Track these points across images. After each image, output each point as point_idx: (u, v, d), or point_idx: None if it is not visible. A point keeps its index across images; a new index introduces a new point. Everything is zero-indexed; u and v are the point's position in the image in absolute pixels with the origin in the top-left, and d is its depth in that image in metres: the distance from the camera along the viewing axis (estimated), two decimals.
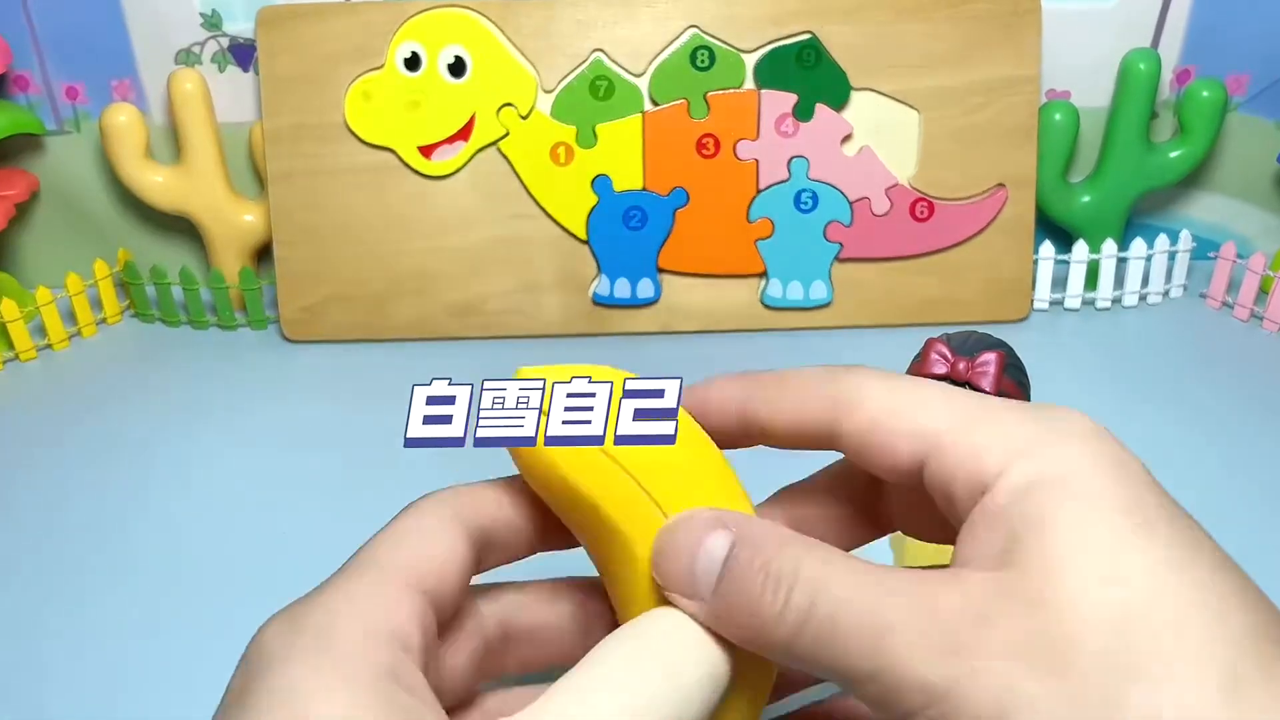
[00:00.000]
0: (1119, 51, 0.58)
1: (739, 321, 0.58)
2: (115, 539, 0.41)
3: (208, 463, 0.47)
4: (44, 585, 0.38)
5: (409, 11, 0.55)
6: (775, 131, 0.56)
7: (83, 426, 0.50)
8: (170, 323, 0.62)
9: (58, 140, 0.63)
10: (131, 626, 0.36)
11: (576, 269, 0.57)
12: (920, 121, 0.56)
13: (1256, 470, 0.43)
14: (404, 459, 0.46)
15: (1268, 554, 0.37)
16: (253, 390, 0.53)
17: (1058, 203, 0.60)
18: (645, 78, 0.56)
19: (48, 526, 0.42)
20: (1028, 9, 0.55)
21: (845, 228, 0.57)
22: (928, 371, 0.33)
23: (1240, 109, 0.61)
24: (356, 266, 0.57)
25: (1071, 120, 0.58)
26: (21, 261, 0.66)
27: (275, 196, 0.57)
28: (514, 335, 0.58)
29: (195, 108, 0.59)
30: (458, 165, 0.57)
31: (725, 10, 0.55)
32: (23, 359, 0.58)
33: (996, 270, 0.57)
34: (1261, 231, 0.64)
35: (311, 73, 0.56)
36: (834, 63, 0.55)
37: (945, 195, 0.57)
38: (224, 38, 0.60)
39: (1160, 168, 0.59)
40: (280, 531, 0.41)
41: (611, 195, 0.56)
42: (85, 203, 0.64)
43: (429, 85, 0.56)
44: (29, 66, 0.61)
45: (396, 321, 0.58)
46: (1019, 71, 0.55)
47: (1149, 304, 0.60)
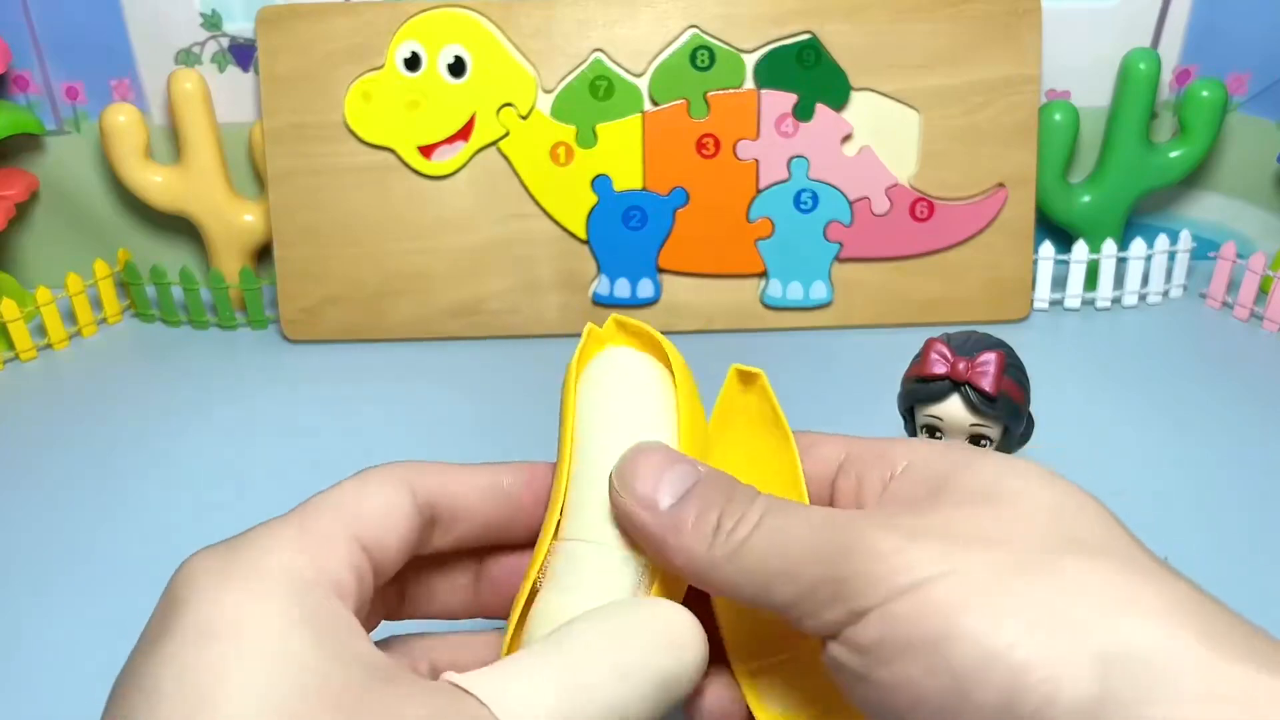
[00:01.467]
0: (1119, 51, 0.58)
1: (739, 321, 0.58)
2: (115, 538, 0.41)
3: (208, 462, 0.47)
4: (44, 584, 0.38)
5: (409, 11, 0.55)
6: (775, 131, 0.56)
7: (83, 426, 0.50)
8: (170, 323, 0.62)
9: (57, 140, 0.63)
10: (132, 626, 0.36)
11: (576, 269, 0.57)
12: (920, 121, 0.56)
13: (1255, 470, 0.43)
14: (403, 458, 0.47)
15: (1266, 553, 0.37)
16: (253, 390, 0.53)
17: (1058, 203, 0.60)
18: (645, 78, 0.56)
19: (48, 526, 0.42)
20: (1028, 9, 0.55)
21: (845, 228, 0.57)
22: (928, 371, 0.33)
23: (1240, 109, 0.61)
24: (356, 266, 0.57)
25: (1071, 120, 0.58)
26: (22, 261, 0.66)
27: (275, 196, 0.57)
28: (514, 335, 0.58)
29: (195, 107, 0.59)
30: (458, 165, 0.57)
31: (725, 10, 0.55)
32: (23, 359, 0.58)
33: (996, 270, 0.57)
34: (1262, 231, 0.64)
35: (311, 73, 0.56)
36: (834, 63, 0.55)
37: (945, 195, 0.57)
38: (224, 37, 0.60)
39: (1160, 168, 0.59)
40: None
41: (611, 195, 0.56)
42: (85, 203, 0.64)
43: (429, 85, 0.56)
44: (29, 66, 0.61)
45: (396, 321, 0.58)
46: (1019, 71, 0.55)
47: (1149, 304, 0.60)
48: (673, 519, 0.22)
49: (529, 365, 0.54)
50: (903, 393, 0.35)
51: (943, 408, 0.33)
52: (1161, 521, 0.38)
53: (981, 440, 0.34)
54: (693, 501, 0.23)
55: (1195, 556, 0.37)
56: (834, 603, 0.20)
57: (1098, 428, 0.46)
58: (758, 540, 0.21)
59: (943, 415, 0.33)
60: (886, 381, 0.36)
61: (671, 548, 0.22)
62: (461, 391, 0.52)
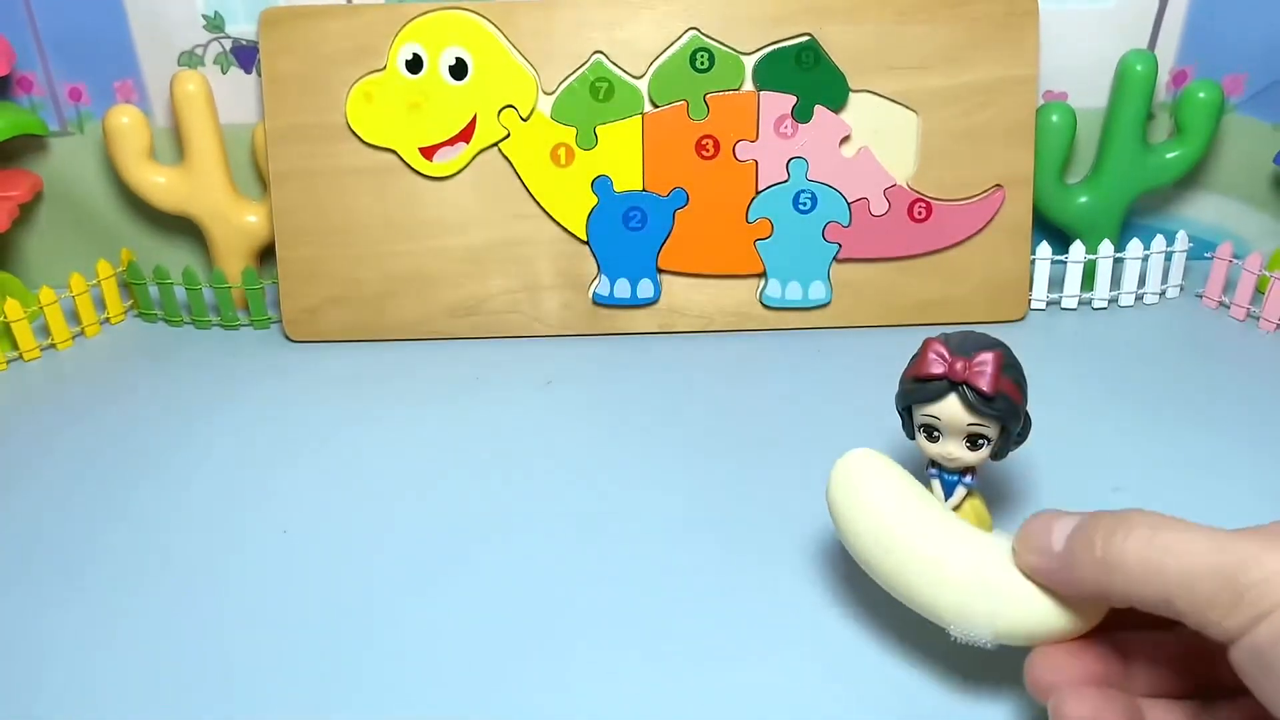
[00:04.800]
0: (1116, 53, 0.58)
1: (738, 321, 0.58)
2: (117, 537, 0.41)
3: (210, 462, 0.47)
4: (47, 584, 0.39)
5: (410, 13, 0.56)
6: (774, 132, 0.56)
7: (86, 425, 0.51)
8: (173, 322, 0.62)
9: (61, 141, 0.63)
10: (135, 624, 0.36)
11: (576, 269, 0.58)
12: (918, 122, 0.56)
13: (1253, 469, 0.43)
14: (404, 458, 0.47)
15: None
16: (255, 389, 0.54)
17: (1055, 203, 0.60)
18: (645, 79, 0.56)
19: (50, 525, 0.42)
20: (1025, 10, 0.55)
21: (844, 228, 0.57)
22: (925, 371, 0.33)
23: (1237, 110, 0.61)
24: (358, 267, 0.58)
25: (1069, 121, 0.58)
26: (25, 261, 0.66)
27: (277, 197, 0.57)
28: (514, 335, 0.58)
29: (198, 109, 0.59)
30: (459, 166, 0.57)
31: (725, 12, 0.55)
32: (26, 358, 0.58)
33: (994, 270, 0.58)
34: (1258, 231, 0.64)
35: (313, 74, 0.56)
36: (833, 64, 0.55)
37: (943, 196, 0.57)
38: (226, 39, 0.60)
39: (1157, 168, 0.59)
40: (281, 529, 0.41)
41: (611, 196, 0.57)
42: (88, 203, 0.64)
43: (430, 87, 0.56)
44: (32, 68, 0.61)
45: (398, 321, 0.58)
46: (1017, 72, 0.56)
47: (1146, 304, 0.60)
48: (1063, 560, 0.28)
49: (530, 365, 0.54)
50: (900, 392, 0.35)
51: (940, 407, 0.33)
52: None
53: (979, 440, 0.34)
54: (1080, 532, 0.27)
55: None
56: (1234, 610, 0.24)
57: (1095, 427, 0.46)
58: (1151, 553, 0.25)
59: (940, 415, 0.34)
60: (885, 381, 0.37)
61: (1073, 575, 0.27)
62: (462, 391, 0.53)
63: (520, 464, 0.46)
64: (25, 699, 0.33)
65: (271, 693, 0.33)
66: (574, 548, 0.40)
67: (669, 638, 0.35)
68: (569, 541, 0.40)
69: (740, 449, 0.46)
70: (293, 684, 0.33)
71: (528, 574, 0.38)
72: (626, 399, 0.51)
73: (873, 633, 0.34)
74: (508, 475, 0.45)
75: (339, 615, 0.36)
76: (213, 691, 0.33)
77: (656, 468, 0.45)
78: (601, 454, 0.46)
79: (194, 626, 0.36)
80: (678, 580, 0.37)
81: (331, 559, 0.40)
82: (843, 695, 0.32)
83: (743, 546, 0.39)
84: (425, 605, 0.37)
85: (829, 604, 0.36)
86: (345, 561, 0.39)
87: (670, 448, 0.46)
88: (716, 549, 0.39)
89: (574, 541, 0.40)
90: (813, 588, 0.37)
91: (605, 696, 0.32)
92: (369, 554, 0.40)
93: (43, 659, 0.35)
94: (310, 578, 0.39)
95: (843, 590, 0.37)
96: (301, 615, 0.36)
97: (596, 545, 0.40)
